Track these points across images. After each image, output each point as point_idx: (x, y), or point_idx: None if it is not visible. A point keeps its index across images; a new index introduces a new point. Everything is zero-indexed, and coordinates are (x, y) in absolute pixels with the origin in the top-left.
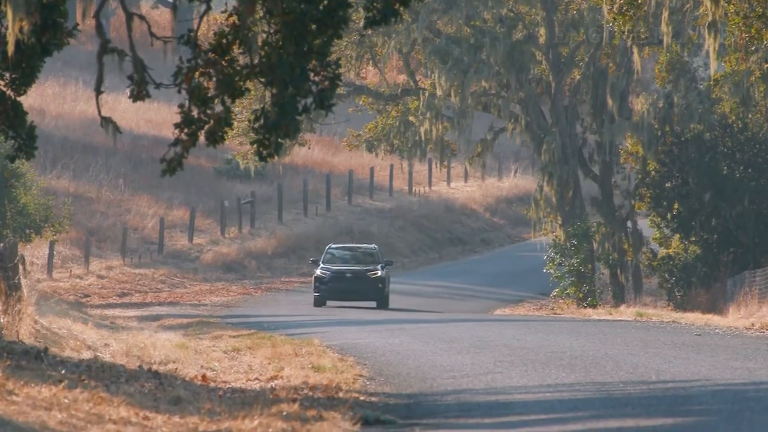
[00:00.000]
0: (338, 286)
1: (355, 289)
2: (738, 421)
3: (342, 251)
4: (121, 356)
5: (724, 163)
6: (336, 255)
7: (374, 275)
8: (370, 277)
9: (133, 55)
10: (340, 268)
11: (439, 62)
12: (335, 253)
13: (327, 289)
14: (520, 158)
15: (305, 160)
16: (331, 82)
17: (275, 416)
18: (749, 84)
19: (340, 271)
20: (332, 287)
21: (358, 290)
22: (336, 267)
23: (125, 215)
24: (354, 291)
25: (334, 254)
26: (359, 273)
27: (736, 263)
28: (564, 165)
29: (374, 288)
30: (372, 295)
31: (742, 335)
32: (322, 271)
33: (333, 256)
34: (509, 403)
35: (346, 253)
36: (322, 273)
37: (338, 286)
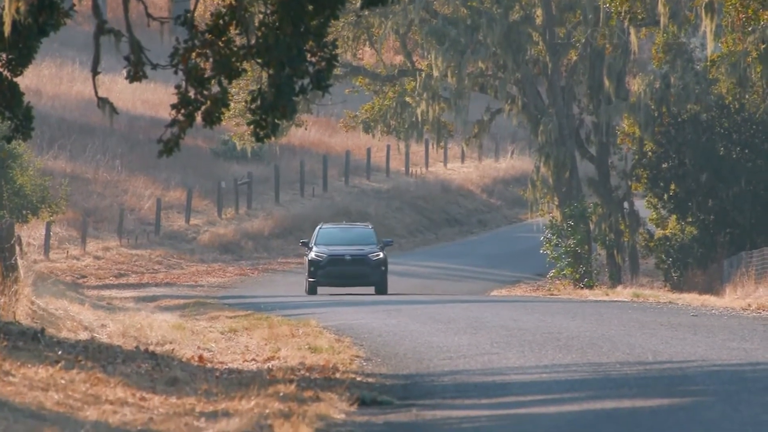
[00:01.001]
0: (336, 270)
1: (355, 273)
2: (735, 402)
3: (336, 231)
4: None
5: (720, 143)
6: (329, 235)
7: (376, 257)
8: (372, 260)
9: (130, 35)
10: (337, 250)
11: (436, 43)
12: (328, 234)
13: (323, 273)
14: (516, 139)
15: (302, 140)
16: (327, 62)
17: (272, 397)
18: (746, 64)
19: (338, 253)
20: (329, 271)
21: (358, 274)
22: (332, 249)
23: (122, 196)
24: (353, 275)
25: (328, 235)
26: (359, 255)
27: (733, 244)
28: (561, 146)
29: (376, 271)
30: (373, 279)
31: (738, 316)
32: (317, 253)
33: (326, 237)
34: (506, 384)
35: (341, 233)
36: (317, 256)
37: (336, 270)
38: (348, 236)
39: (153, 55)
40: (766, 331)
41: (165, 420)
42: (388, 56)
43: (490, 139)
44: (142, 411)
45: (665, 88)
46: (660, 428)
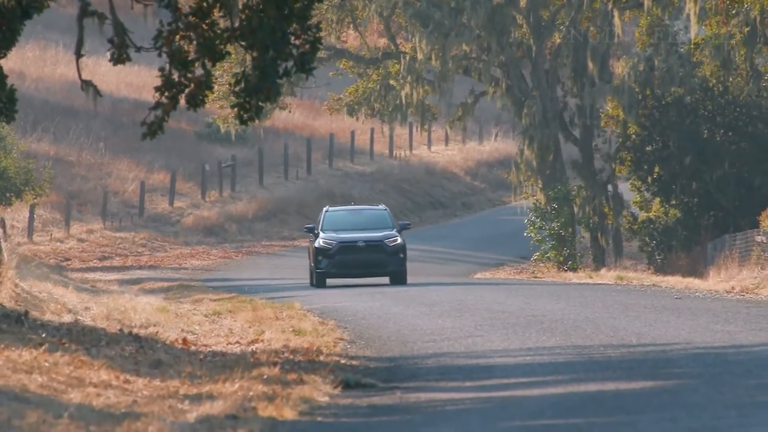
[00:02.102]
0: (348, 258)
1: (370, 262)
2: (718, 384)
3: (345, 214)
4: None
5: (704, 126)
6: (338, 219)
7: (393, 243)
8: (388, 246)
9: (114, 18)
10: (348, 236)
11: (420, 26)
12: (337, 217)
13: (333, 263)
14: (500, 122)
15: (286, 123)
16: (311, 45)
17: (256, 380)
18: (730, 47)
19: (350, 240)
20: (340, 261)
21: (374, 263)
22: (343, 235)
23: (106, 179)
24: (368, 264)
25: (336, 218)
26: (374, 241)
27: (717, 227)
28: (545, 129)
29: (393, 259)
30: (390, 268)
31: (722, 298)
32: (326, 240)
33: (334, 221)
34: (490, 367)
35: (351, 216)
36: (325, 243)
37: (348, 259)
38: (359, 219)
39: (137, 37)
40: (749, 314)
41: (149, 402)
42: (372, 39)
43: (474, 122)
44: (126, 393)
45: (649, 71)
46: (643, 411)
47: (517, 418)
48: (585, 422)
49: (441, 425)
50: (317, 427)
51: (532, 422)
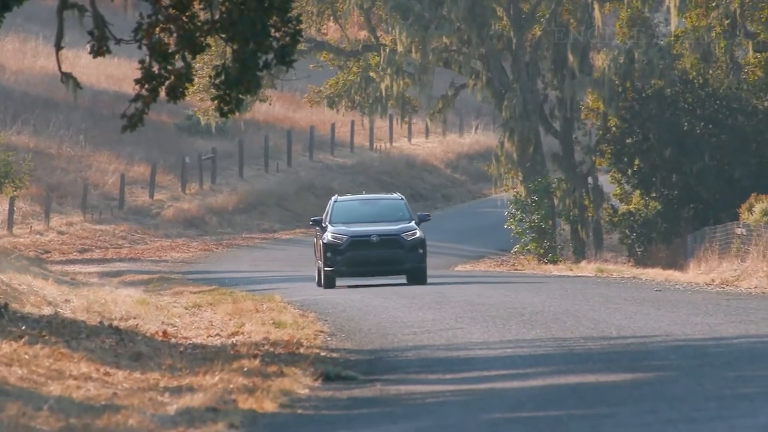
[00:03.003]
0: (360, 255)
1: (385, 259)
2: (698, 376)
3: (356, 204)
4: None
5: (684, 119)
6: (348, 210)
7: (411, 237)
8: (406, 240)
9: (94, 10)
10: (360, 230)
11: (400, 18)
12: (347, 208)
13: (344, 260)
14: (481, 114)
15: (266, 116)
16: (292, 38)
17: (236, 372)
18: (710, 40)
19: (362, 233)
20: (352, 258)
21: (389, 260)
22: (354, 228)
23: (86, 171)
24: (383, 261)
25: (346, 209)
26: (389, 234)
27: (697, 219)
28: (525, 121)
29: (412, 255)
30: (408, 266)
31: (702, 291)
32: (335, 234)
33: (344, 213)
34: (470, 359)
35: (363, 206)
36: (335, 238)
37: (360, 256)
38: (373, 210)
39: (117, 29)
40: (729, 306)
41: (129, 395)
42: (352, 31)
43: (455, 115)
44: (106, 386)
45: (629, 63)
46: (624, 403)
47: (497, 410)
48: (565, 414)
49: (421, 417)
50: (297, 419)
51: (513, 414)
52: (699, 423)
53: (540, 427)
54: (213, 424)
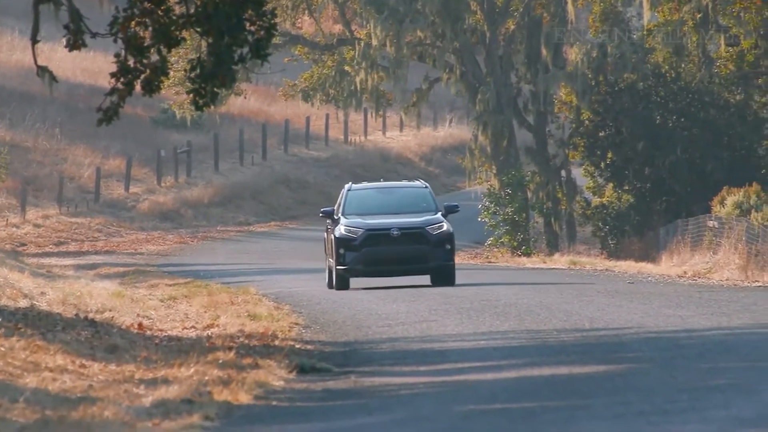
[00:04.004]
0: (378, 252)
1: (407, 256)
2: (671, 368)
3: (373, 193)
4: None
5: (657, 112)
6: (364, 200)
7: (438, 230)
8: (431, 234)
9: (69, 4)
10: (378, 222)
11: (375, 12)
12: (363, 198)
13: (360, 258)
14: (455, 108)
15: (241, 109)
16: (266, 31)
17: (211, 364)
18: (682, 34)
19: (380, 226)
20: (368, 255)
21: (412, 257)
22: (371, 220)
23: (62, 164)
24: (405, 259)
25: (362, 199)
26: (412, 228)
27: (669, 212)
28: (499, 114)
29: (438, 252)
30: (434, 264)
31: (674, 283)
32: (349, 227)
33: (360, 203)
34: (444, 351)
35: (381, 195)
36: (348, 232)
37: (378, 253)
38: (392, 200)
39: (92, 23)
40: (701, 299)
41: (104, 387)
42: (327, 25)
43: (429, 108)
44: (82, 378)
45: (602, 57)
46: (597, 394)
47: (471, 401)
48: (539, 406)
49: (395, 409)
50: (272, 411)
51: (486, 406)
52: (671, 414)
53: (513, 418)
54: (188, 415)
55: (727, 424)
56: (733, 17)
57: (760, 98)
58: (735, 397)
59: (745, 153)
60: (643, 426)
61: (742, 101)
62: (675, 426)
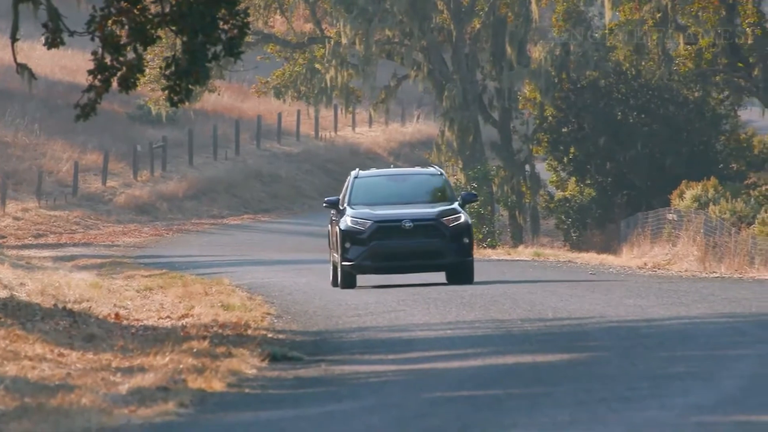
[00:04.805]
0: (388, 246)
1: (420, 251)
2: (631, 356)
3: (383, 181)
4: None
5: (618, 108)
6: (373, 188)
7: (454, 222)
8: (447, 227)
9: (48, 3)
10: (388, 213)
11: (344, 11)
12: (371, 186)
13: (367, 253)
14: (422, 104)
15: (215, 106)
16: (239, 30)
17: (186, 353)
18: (642, 33)
19: (391, 218)
20: (377, 249)
21: (425, 252)
22: (381, 211)
23: (41, 159)
24: (417, 254)
25: (370, 187)
26: (427, 220)
27: (630, 205)
28: (465, 111)
29: (454, 246)
30: (450, 259)
31: (635, 274)
32: (356, 219)
33: (367, 192)
34: (411, 340)
35: (391, 183)
36: (355, 224)
37: (389, 247)
38: (404, 188)
39: (70, 22)
40: (660, 289)
41: (82, 375)
42: (298, 24)
43: (397, 105)
44: (60, 366)
45: (565, 55)
46: (560, 382)
47: (437, 389)
48: (503, 393)
49: (365, 396)
50: (245, 398)
51: (453, 393)
52: (632, 401)
53: (479, 405)
54: (163, 403)
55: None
56: (691, 17)
57: (718, 95)
58: (693, 385)
59: (703, 148)
60: (605, 413)
61: (700, 98)
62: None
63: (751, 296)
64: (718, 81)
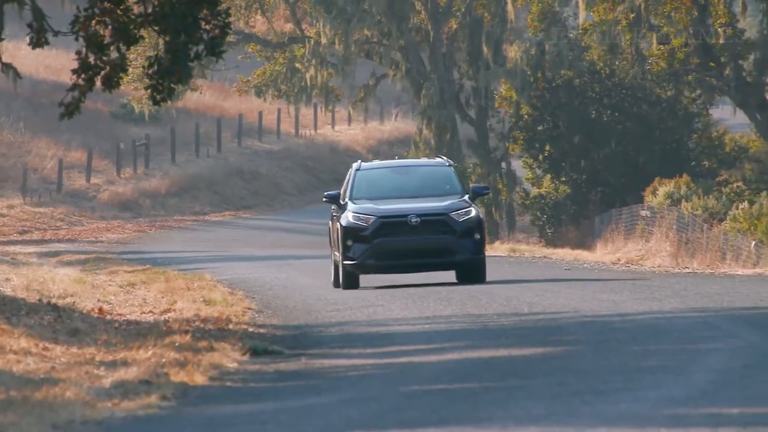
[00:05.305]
0: (394, 244)
1: (428, 248)
2: (605, 350)
3: (387, 174)
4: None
5: (592, 107)
6: (377, 182)
7: (464, 216)
8: (457, 222)
9: (32, 4)
10: (393, 208)
11: (324, 11)
12: (374, 179)
13: (371, 251)
14: (400, 103)
15: (197, 104)
16: (221, 30)
17: (168, 347)
18: (616, 33)
19: (396, 213)
20: (382, 247)
21: (434, 249)
22: (385, 206)
23: (26, 156)
24: (425, 252)
25: (373, 180)
26: (434, 214)
27: (604, 202)
28: (442, 109)
29: (466, 244)
30: (460, 257)
31: (608, 269)
32: (358, 214)
33: (371, 185)
34: (390, 334)
35: (396, 176)
36: (357, 219)
37: (394, 245)
38: (410, 181)
39: (55, 22)
40: (634, 284)
41: (66, 369)
42: (278, 24)
43: (376, 103)
44: (45, 360)
45: (540, 55)
46: (535, 376)
47: (415, 382)
48: (480, 386)
49: (344, 390)
50: (226, 391)
51: (430, 386)
52: (605, 395)
53: (455, 398)
54: (146, 396)
55: (657, 404)
56: (664, 17)
57: (690, 94)
58: (665, 378)
59: (675, 146)
60: (579, 405)
61: (672, 97)
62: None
63: (722, 291)
64: (691, 80)
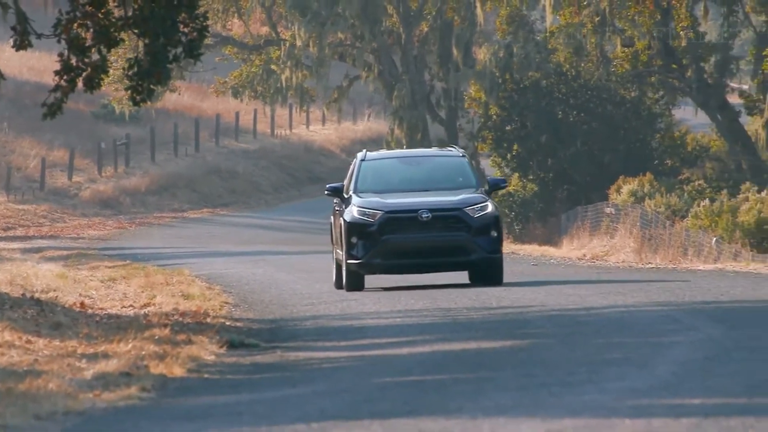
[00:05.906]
0: (403, 241)
1: (441, 247)
2: (571, 343)
3: (395, 165)
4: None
5: (559, 108)
6: (384, 173)
7: (481, 213)
8: (473, 219)
9: (16, 7)
10: (402, 202)
11: (299, 15)
12: (381, 170)
13: (378, 249)
14: (373, 104)
15: (176, 105)
16: (199, 33)
17: (148, 340)
18: (582, 35)
19: (405, 207)
20: (389, 245)
21: (447, 247)
22: (393, 200)
23: (9, 155)
24: (437, 250)
25: (380, 172)
26: (447, 209)
27: (570, 199)
28: (413, 110)
29: (482, 242)
30: (476, 256)
31: (575, 265)
32: (363, 209)
33: (377, 177)
34: (363, 328)
35: (405, 167)
36: (362, 215)
37: (403, 243)
38: (420, 173)
39: (38, 25)
40: (599, 279)
41: (49, 361)
42: (255, 27)
43: (349, 104)
44: (28, 353)
45: (509, 57)
46: (503, 368)
47: (387, 374)
48: (449, 378)
49: (318, 381)
50: (204, 383)
51: (402, 378)
52: (571, 386)
53: (426, 389)
54: (126, 387)
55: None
56: (628, 20)
57: (653, 95)
58: (629, 370)
59: (639, 145)
60: (546, 397)
61: (636, 97)
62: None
63: (684, 285)
64: (654, 81)
